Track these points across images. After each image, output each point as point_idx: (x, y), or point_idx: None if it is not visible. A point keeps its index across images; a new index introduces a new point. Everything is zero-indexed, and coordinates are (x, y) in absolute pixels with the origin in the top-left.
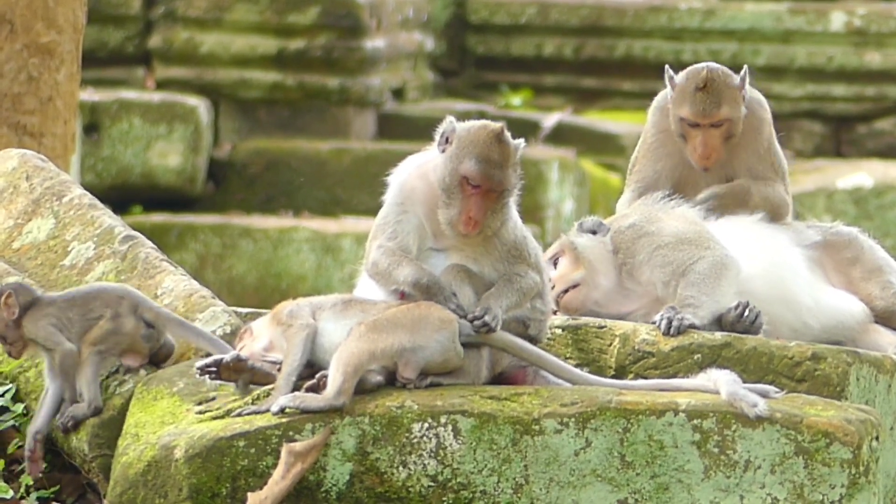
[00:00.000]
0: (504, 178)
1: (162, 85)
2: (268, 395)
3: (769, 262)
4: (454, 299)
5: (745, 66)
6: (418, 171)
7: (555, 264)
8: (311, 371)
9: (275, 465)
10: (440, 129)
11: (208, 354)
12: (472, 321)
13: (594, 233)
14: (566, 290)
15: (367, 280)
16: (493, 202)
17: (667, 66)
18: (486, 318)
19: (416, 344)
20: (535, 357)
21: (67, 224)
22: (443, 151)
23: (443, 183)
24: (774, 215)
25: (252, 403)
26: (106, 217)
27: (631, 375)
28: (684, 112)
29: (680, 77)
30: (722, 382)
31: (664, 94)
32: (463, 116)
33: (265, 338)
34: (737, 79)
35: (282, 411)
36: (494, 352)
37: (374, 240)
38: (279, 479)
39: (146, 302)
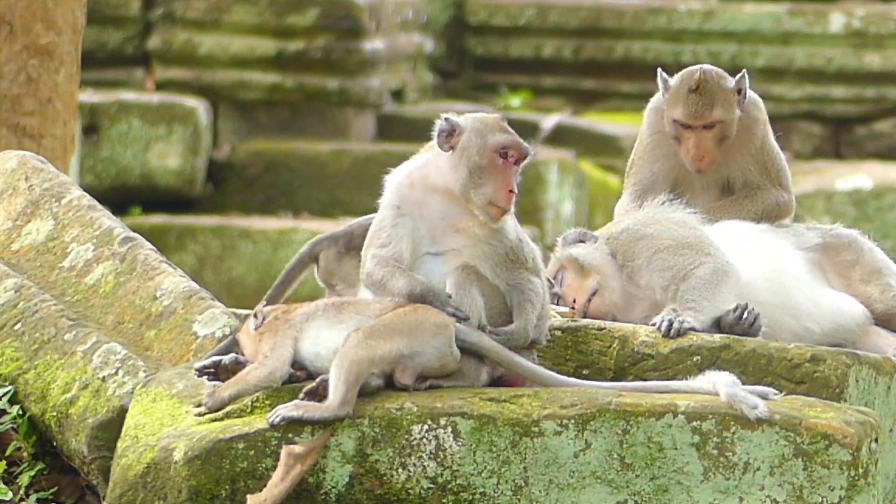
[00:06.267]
0: (527, 145)
1: (161, 86)
2: (267, 398)
3: (770, 268)
4: (451, 303)
5: (744, 70)
6: (418, 172)
7: (560, 283)
8: (307, 374)
9: (274, 468)
10: (438, 129)
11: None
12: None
13: (582, 243)
14: (589, 299)
15: (364, 290)
16: (516, 177)
17: (659, 70)
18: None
19: (414, 350)
20: (531, 373)
21: (66, 225)
22: (450, 148)
23: (471, 163)
24: (772, 218)
25: (251, 406)
26: (105, 218)
27: (630, 377)
28: (677, 114)
29: (674, 79)
30: (721, 384)
31: (659, 96)
32: None
33: (251, 349)
34: (731, 81)
35: (282, 421)
36: None
37: (369, 248)
38: (278, 482)
39: None
